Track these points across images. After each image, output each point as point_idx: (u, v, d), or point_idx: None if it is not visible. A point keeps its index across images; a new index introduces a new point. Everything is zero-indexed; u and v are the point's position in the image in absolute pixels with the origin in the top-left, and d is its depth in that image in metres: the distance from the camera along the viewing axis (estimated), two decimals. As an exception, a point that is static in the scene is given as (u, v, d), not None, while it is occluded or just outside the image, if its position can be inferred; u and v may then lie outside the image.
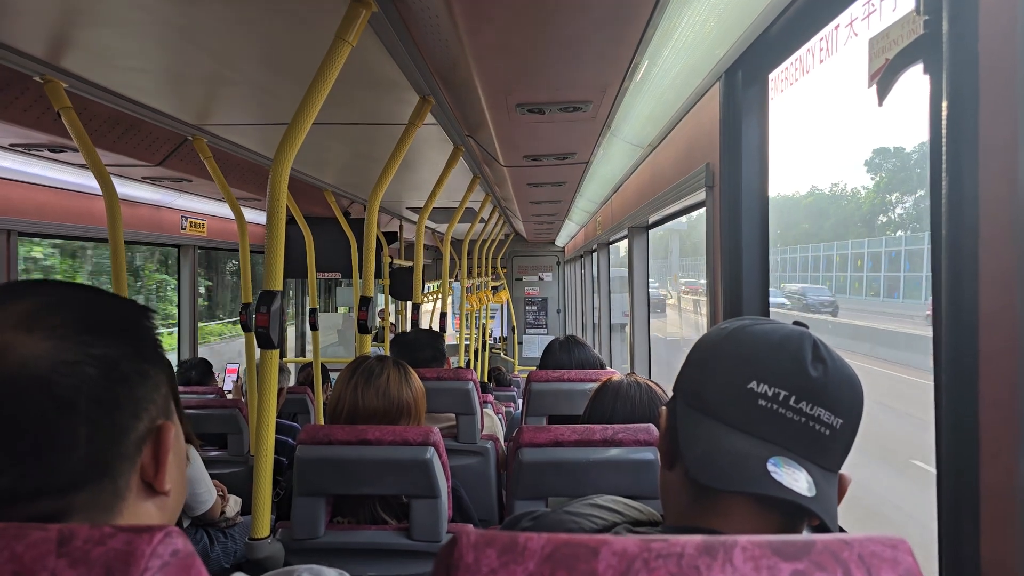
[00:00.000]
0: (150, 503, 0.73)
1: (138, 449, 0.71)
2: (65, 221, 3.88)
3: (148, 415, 0.72)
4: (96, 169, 2.39)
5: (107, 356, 0.69)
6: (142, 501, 0.72)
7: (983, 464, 1.00)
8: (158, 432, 0.74)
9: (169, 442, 0.74)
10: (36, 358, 0.65)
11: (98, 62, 2.08)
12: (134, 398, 0.71)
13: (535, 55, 1.89)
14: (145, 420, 0.72)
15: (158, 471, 0.73)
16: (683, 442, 0.86)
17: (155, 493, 0.73)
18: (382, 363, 2.05)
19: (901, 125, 60.84)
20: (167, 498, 0.75)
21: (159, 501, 0.74)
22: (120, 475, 0.70)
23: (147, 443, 0.72)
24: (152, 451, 0.73)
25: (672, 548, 0.57)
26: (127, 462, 0.70)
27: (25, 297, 0.69)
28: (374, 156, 3.51)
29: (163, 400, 0.76)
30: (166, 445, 0.74)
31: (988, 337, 0.99)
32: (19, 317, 0.67)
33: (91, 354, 0.68)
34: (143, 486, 0.72)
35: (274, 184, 1.68)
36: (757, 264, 2.12)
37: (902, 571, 0.58)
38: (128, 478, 0.71)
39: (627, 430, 1.83)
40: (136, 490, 0.72)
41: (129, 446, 0.70)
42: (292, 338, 9.23)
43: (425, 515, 1.88)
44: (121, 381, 0.69)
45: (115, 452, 0.69)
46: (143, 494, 0.72)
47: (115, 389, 0.69)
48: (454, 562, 0.56)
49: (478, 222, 5.33)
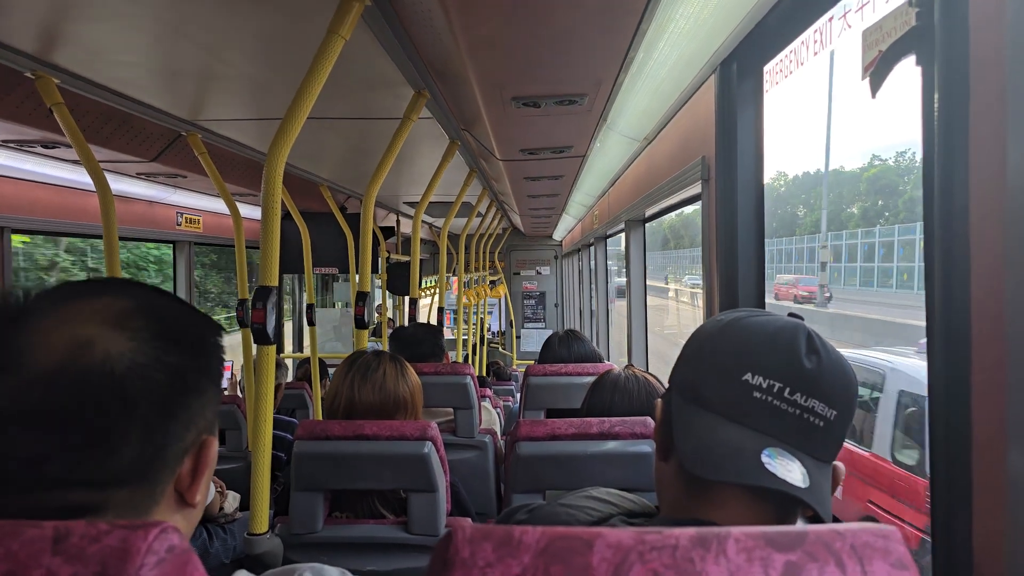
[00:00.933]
0: (179, 515, 0.76)
1: (180, 460, 0.74)
2: (59, 217, 3.87)
3: (196, 428, 0.75)
4: (89, 165, 2.38)
5: (178, 366, 0.72)
6: (171, 511, 0.74)
7: (975, 454, 1.00)
8: (201, 446, 0.76)
9: (210, 457, 0.77)
10: (118, 355, 0.68)
11: (90, 57, 2.08)
12: (189, 410, 0.73)
13: (529, 48, 1.89)
14: (193, 433, 0.74)
15: (193, 483, 0.75)
16: (678, 434, 0.87)
17: (185, 504, 0.75)
18: (378, 358, 2.05)
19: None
20: (193, 510, 0.77)
21: (187, 512, 0.76)
22: (159, 481, 0.72)
23: (189, 455, 0.75)
24: (192, 463, 0.75)
25: (666, 540, 0.57)
26: (168, 470, 0.72)
27: (116, 295, 0.73)
28: (370, 151, 3.51)
29: (212, 416, 0.78)
30: (207, 459, 0.76)
31: (980, 327, 0.99)
32: (109, 314, 0.70)
33: (164, 361, 0.70)
34: (176, 496, 0.74)
35: (269, 179, 1.68)
36: (753, 256, 2.12)
37: (894, 560, 0.58)
38: (165, 485, 0.73)
39: (624, 423, 1.84)
40: (169, 499, 0.74)
41: (174, 455, 0.72)
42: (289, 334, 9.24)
43: (423, 509, 1.89)
44: (184, 392, 0.72)
45: (160, 458, 0.71)
46: (174, 504, 0.75)
47: (176, 399, 0.71)
48: (450, 556, 0.57)
49: (475, 216, 5.33)
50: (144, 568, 0.54)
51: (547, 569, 0.55)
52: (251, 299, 1.78)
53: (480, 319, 8.05)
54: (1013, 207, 0.92)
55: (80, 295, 0.72)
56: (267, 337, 1.75)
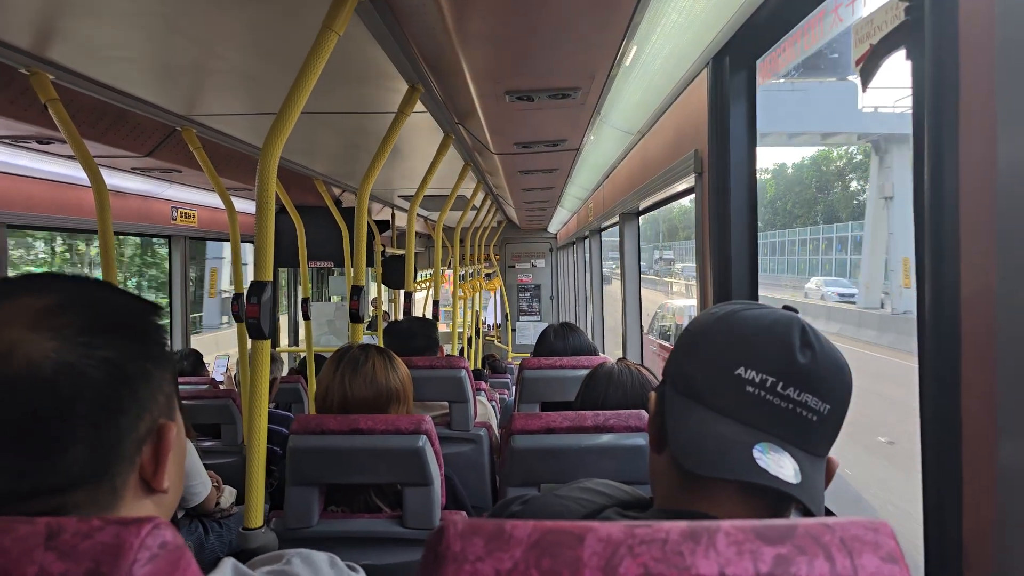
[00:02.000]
0: (148, 501, 0.73)
1: (138, 449, 0.71)
2: (54, 213, 3.86)
3: (150, 415, 0.72)
4: (84, 160, 2.38)
5: (111, 358, 0.68)
6: (140, 500, 0.72)
7: (965, 444, 1.01)
8: (159, 431, 0.73)
9: (170, 442, 0.74)
10: (41, 359, 0.64)
11: (84, 53, 2.07)
12: (137, 399, 0.70)
13: (523, 42, 1.89)
14: (147, 420, 0.72)
15: (157, 470, 0.73)
16: (670, 427, 0.87)
17: (153, 491, 0.73)
18: (365, 351, 2.04)
19: None
20: (165, 495, 0.75)
21: (157, 498, 0.74)
22: (118, 475, 0.70)
23: (147, 442, 0.72)
24: (152, 450, 0.73)
25: (656, 534, 0.58)
26: (126, 462, 0.70)
27: (36, 293, 0.69)
28: (364, 145, 3.50)
29: (166, 399, 0.75)
30: (166, 445, 0.73)
31: (970, 318, 1.00)
32: (28, 315, 0.66)
33: (95, 356, 0.67)
34: (141, 484, 0.72)
35: (263, 173, 1.68)
36: (746, 248, 2.13)
37: (884, 554, 0.58)
38: (127, 477, 0.71)
39: (618, 416, 1.85)
40: (134, 489, 0.72)
41: (129, 447, 0.70)
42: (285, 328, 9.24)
43: (418, 503, 1.89)
44: (124, 383, 0.69)
45: (115, 453, 0.69)
46: (141, 492, 0.72)
47: (118, 391, 0.69)
48: (442, 551, 0.57)
49: (470, 210, 5.33)
50: (137, 564, 0.54)
51: (538, 563, 0.56)
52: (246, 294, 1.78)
53: (475, 312, 8.05)
54: (1003, 199, 0.93)
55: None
56: (262, 331, 1.75)
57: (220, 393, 3.50)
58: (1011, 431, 0.92)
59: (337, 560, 0.94)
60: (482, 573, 0.56)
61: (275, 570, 0.85)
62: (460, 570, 0.56)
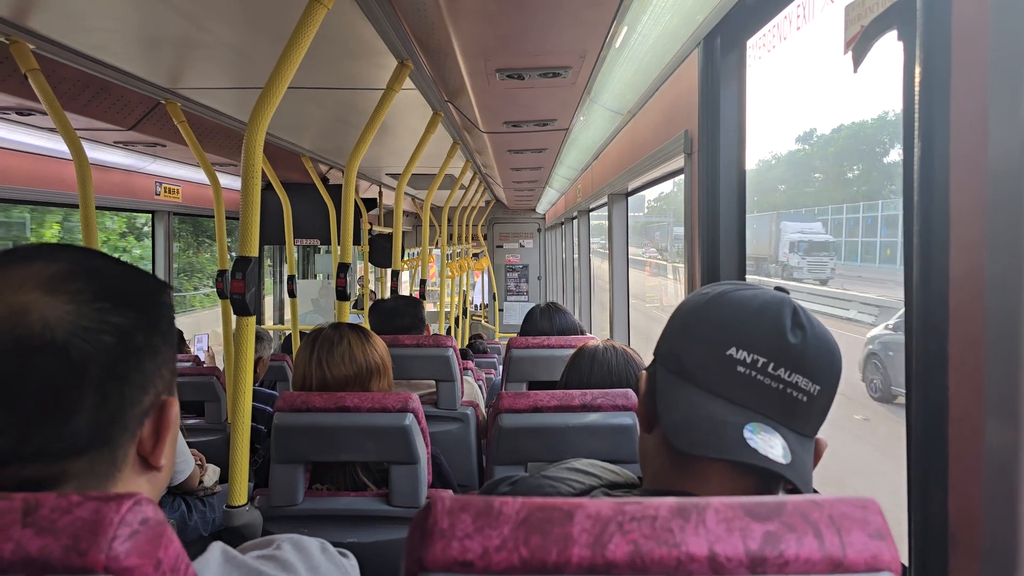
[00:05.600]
0: (143, 479, 0.74)
1: (140, 422, 0.71)
2: (34, 186, 3.82)
3: (155, 389, 0.72)
4: (66, 133, 2.35)
5: (124, 326, 0.69)
6: (136, 476, 0.72)
7: (951, 426, 1.01)
8: (162, 407, 0.74)
9: (171, 418, 0.74)
10: (56, 321, 0.65)
11: (66, 23, 2.04)
12: (144, 371, 0.71)
13: (513, 19, 1.87)
14: (151, 394, 0.72)
15: (156, 446, 0.73)
16: (662, 407, 0.87)
17: (149, 468, 0.73)
18: (338, 331, 2.03)
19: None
20: (159, 474, 0.75)
21: (152, 476, 0.75)
22: (119, 446, 0.70)
23: (149, 417, 0.73)
24: (153, 426, 0.73)
25: (646, 511, 0.57)
26: (128, 434, 0.70)
27: (49, 259, 0.69)
28: (352, 121, 3.47)
29: (169, 376, 0.75)
30: (168, 421, 0.74)
31: (958, 300, 1.00)
32: (42, 278, 0.67)
33: (109, 322, 0.67)
34: (139, 460, 0.72)
35: (249, 149, 1.66)
36: (734, 228, 2.13)
37: (872, 531, 0.59)
38: (127, 450, 0.71)
39: (606, 395, 1.85)
40: (132, 463, 0.72)
41: (133, 419, 0.70)
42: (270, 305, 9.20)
43: (404, 481, 1.89)
44: (134, 353, 0.69)
45: (118, 423, 0.69)
46: (138, 468, 0.73)
47: (128, 360, 0.69)
48: (429, 527, 0.56)
49: (458, 189, 5.31)
50: (117, 540, 0.54)
51: (527, 540, 0.55)
52: (231, 270, 1.76)
53: (463, 292, 8.05)
54: (993, 181, 0.92)
55: (9, 262, 0.68)
56: (246, 308, 1.74)
57: (204, 370, 3.48)
58: (997, 412, 0.92)
59: (328, 546, 0.93)
60: (470, 550, 0.55)
61: (265, 555, 0.84)
62: (448, 547, 0.55)
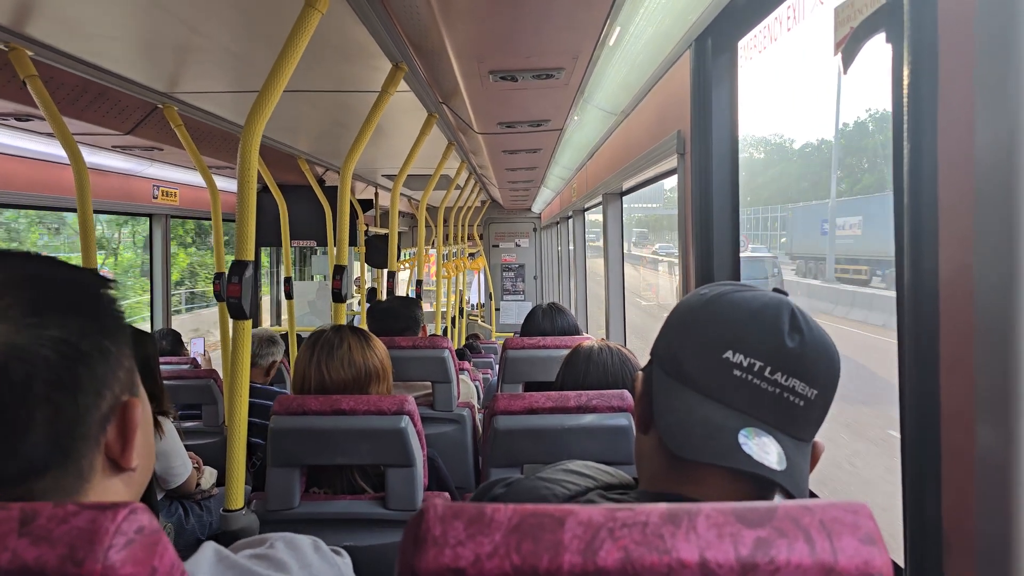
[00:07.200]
0: (116, 480, 0.71)
1: (102, 428, 0.69)
2: (33, 191, 3.82)
3: (111, 393, 0.69)
4: (64, 138, 2.35)
5: (63, 337, 0.65)
6: (108, 479, 0.70)
7: (944, 426, 1.02)
8: (124, 409, 0.70)
9: (136, 419, 0.71)
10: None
11: (65, 29, 2.04)
12: (95, 377, 0.67)
13: (506, 21, 1.88)
14: (108, 398, 0.69)
15: (124, 449, 0.70)
16: (657, 409, 0.86)
17: (121, 470, 0.71)
18: (339, 333, 2.02)
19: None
20: (134, 473, 0.72)
21: (126, 477, 0.72)
22: (83, 456, 0.67)
23: (112, 421, 0.69)
24: (118, 429, 0.70)
25: (637, 517, 0.58)
26: (90, 442, 0.67)
27: None
28: (348, 123, 3.48)
29: (127, 375, 0.72)
30: (133, 422, 0.71)
31: (948, 299, 1.00)
32: None
33: (46, 336, 0.64)
34: (108, 464, 0.70)
35: (245, 152, 1.66)
36: (728, 228, 2.14)
37: (863, 535, 0.59)
38: (92, 459, 0.68)
39: (601, 396, 1.85)
40: (101, 469, 0.69)
41: (92, 427, 0.67)
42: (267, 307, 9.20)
43: (401, 484, 1.89)
44: (80, 361, 0.66)
45: (77, 434, 0.66)
46: (109, 472, 0.70)
47: (74, 370, 0.65)
48: (422, 534, 0.57)
49: (454, 189, 5.31)
50: (113, 549, 0.54)
51: (518, 546, 0.56)
52: (227, 273, 1.76)
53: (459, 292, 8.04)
54: (981, 181, 0.93)
55: None
56: (242, 312, 1.74)
57: (201, 373, 3.49)
58: (989, 412, 0.92)
59: (321, 544, 0.93)
60: (462, 557, 0.56)
61: (258, 554, 0.84)
62: (440, 554, 0.56)
